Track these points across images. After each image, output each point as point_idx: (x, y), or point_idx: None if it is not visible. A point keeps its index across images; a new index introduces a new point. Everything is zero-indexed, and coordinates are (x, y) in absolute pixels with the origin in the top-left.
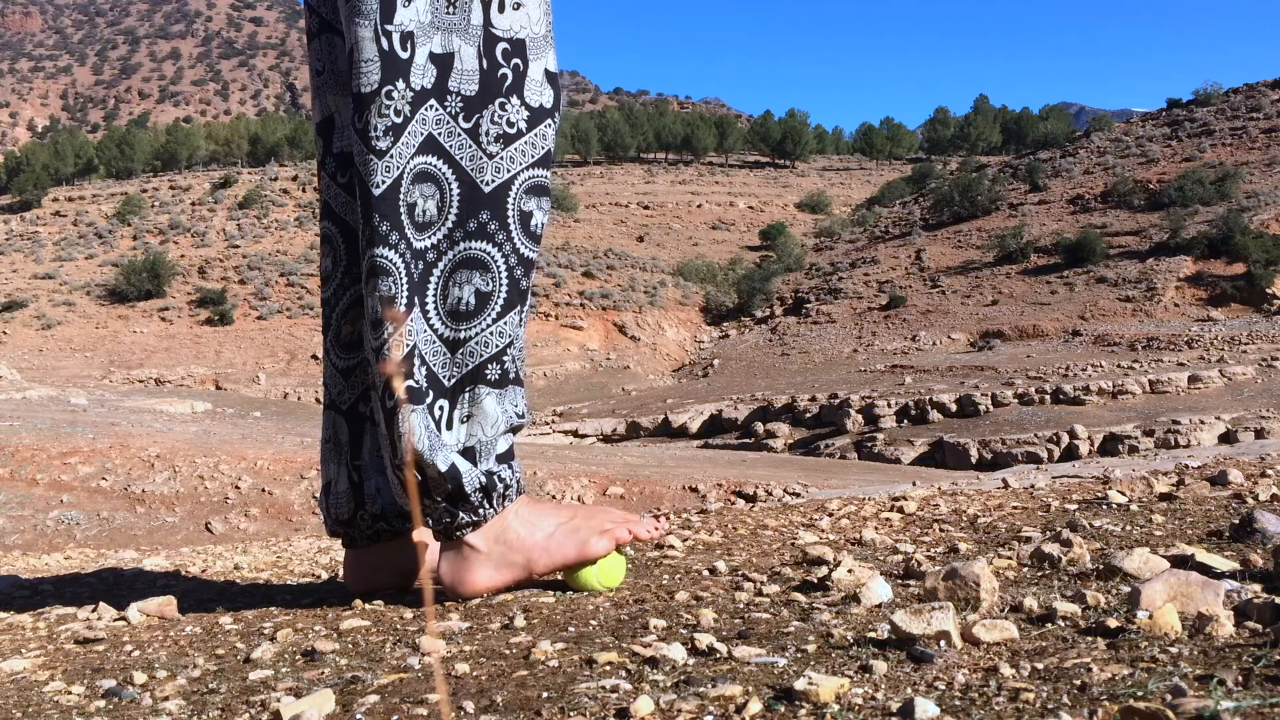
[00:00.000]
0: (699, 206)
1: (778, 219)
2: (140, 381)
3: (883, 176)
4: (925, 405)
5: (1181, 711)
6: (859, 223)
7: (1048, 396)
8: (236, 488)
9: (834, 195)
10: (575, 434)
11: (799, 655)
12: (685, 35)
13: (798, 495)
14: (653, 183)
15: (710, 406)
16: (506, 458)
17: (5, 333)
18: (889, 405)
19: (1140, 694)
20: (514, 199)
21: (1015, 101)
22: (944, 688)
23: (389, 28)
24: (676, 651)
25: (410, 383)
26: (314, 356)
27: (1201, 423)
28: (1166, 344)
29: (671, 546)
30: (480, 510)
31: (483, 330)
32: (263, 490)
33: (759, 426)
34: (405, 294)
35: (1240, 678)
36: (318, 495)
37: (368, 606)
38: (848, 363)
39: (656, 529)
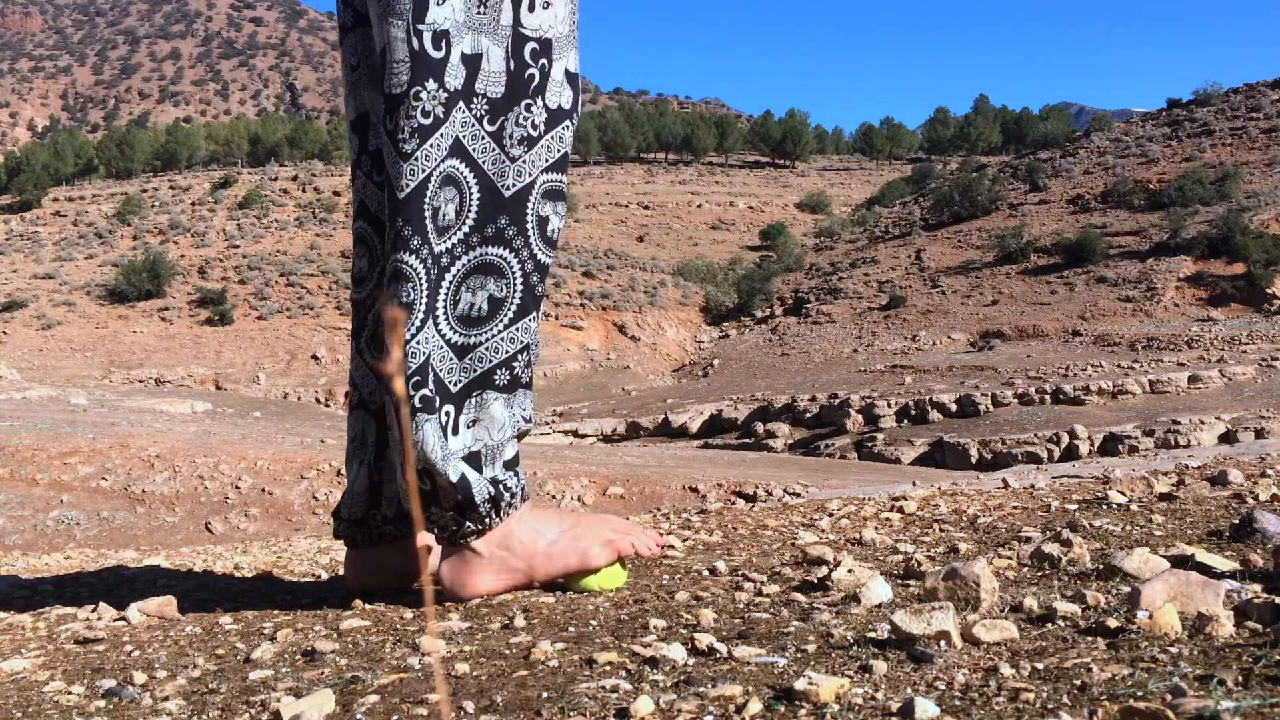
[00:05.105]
0: (699, 206)
1: (778, 219)
2: (140, 381)
3: (883, 176)
4: (925, 405)
5: (1181, 711)
6: (859, 223)
7: (1048, 396)
8: (236, 488)
9: (834, 195)
10: (575, 434)
11: (799, 655)
12: (685, 35)
13: (798, 495)
14: (653, 183)
15: (710, 406)
16: (513, 464)
17: (5, 333)
18: (889, 405)
19: (1140, 694)
20: (533, 204)
21: (1015, 101)
22: (944, 688)
23: (420, 27)
24: (676, 651)
25: (425, 391)
26: (314, 357)
27: (1201, 423)
28: (1166, 344)
29: (671, 546)
30: (487, 520)
31: (494, 336)
32: (263, 490)
33: (759, 426)
34: (424, 300)
35: (1240, 678)
36: (319, 495)
37: (368, 606)
38: (848, 363)
39: (659, 545)
